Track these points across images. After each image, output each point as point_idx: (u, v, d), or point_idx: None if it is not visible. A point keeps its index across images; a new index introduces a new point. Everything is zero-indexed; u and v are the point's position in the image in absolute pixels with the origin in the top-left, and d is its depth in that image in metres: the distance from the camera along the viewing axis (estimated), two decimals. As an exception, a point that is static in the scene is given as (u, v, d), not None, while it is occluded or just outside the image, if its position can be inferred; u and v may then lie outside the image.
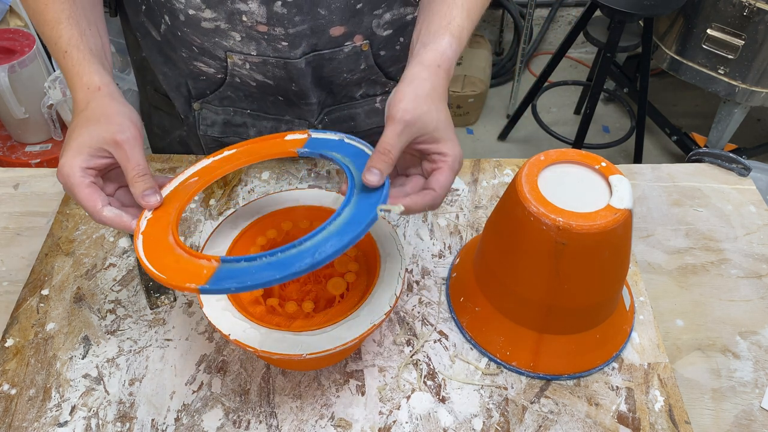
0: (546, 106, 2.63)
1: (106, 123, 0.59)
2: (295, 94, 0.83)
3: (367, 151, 0.63)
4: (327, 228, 0.54)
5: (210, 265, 0.53)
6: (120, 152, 0.59)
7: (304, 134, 0.67)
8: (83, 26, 0.64)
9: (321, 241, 0.53)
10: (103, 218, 0.58)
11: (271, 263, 0.52)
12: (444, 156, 0.59)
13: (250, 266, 0.52)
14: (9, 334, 0.71)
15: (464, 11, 0.64)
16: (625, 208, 0.61)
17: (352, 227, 0.53)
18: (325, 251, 0.51)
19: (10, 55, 1.76)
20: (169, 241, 0.57)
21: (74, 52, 0.63)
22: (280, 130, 0.88)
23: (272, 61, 0.77)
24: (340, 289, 0.67)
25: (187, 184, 0.64)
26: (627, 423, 0.65)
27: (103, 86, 0.62)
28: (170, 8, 0.74)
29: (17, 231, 0.85)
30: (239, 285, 0.50)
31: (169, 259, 0.55)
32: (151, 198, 0.60)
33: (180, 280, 0.52)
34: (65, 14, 0.64)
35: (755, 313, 0.77)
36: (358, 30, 0.77)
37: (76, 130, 0.60)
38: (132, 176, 0.59)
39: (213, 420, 0.65)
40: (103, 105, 0.61)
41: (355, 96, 0.86)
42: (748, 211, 0.89)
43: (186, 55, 0.80)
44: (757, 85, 1.96)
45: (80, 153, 0.58)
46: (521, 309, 0.68)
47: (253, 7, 0.72)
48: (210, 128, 0.88)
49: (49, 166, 1.90)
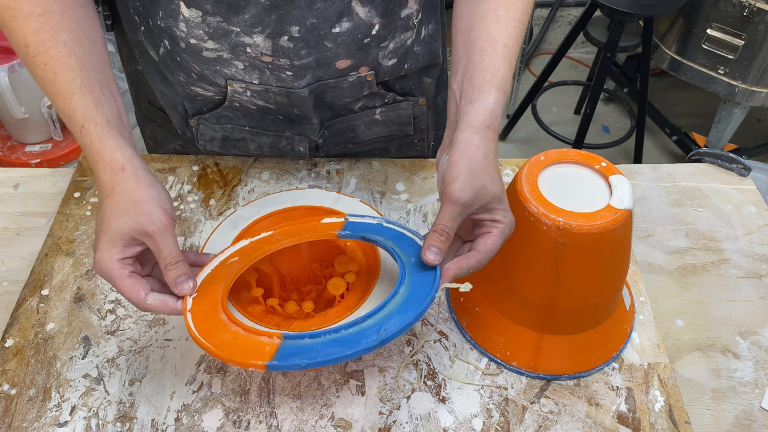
0: (546, 106, 2.63)
1: (135, 213, 0.57)
2: (296, 116, 0.82)
3: (406, 233, 0.64)
4: (387, 306, 0.56)
5: (272, 342, 0.54)
6: (152, 242, 0.57)
7: (341, 217, 0.67)
8: (96, 93, 0.61)
9: (383, 319, 0.55)
10: (147, 307, 0.58)
11: (336, 340, 0.54)
12: (496, 223, 0.59)
13: (314, 343, 0.54)
14: (9, 334, 0.71)
15: (506, 62, 0.62)
16: (625, 208, 0.61)
17: (413, 305, 0.56)
18: (390, 329, 0.53)
19: (10, 55, 1.76)
20: (221, 318, 0.57)
21: (91, 126, 0.59)
22: (280, 145, 0.87)
23: (274, 89, 0.76)
24: (340, 289, 0.67)
25: (228, 263, 0.64)
26: (627, 423, 0.65)
27: (127, 164, 0.59)
28: (171, 34, 0.72)
29: (17, 231, 0.85)
30: (309, 361, 0.52)
31: (226, 336, 0.55)
32: (184, 285, 0.58)
33: (243, 356, 0.53)
34: (77, 83, 0.60)
35: (755, 313, 0.77)
36: (365, 62, 0.76)
37: (105, 221, 0.58)
38: (165, 265, 0.58)
39: (213, 420, 0.65)
40: (130, 190, 0.58)
41: (354, 109, 0.85)
42: (748, 211, 0.89)
43: (184, 79, 0.78)
44: (757, 85, 1.96)
45: (114, 245, 0.57)
46: (521, 309, 0.68)
47: (258, 40, 0.70)
48: (209, 143, 0.87)
49: (48, 166, 1.90)
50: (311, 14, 0.68)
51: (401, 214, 0.85)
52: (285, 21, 0.68)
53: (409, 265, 0.60)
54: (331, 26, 0.70)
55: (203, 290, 0.60)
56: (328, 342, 0.53)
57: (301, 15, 0.68)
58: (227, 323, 0.57)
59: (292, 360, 0.52)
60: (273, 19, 0.68)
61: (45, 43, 0.60)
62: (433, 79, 0.87)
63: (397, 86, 0.84)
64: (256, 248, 0.65)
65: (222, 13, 0.68)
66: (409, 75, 0.83)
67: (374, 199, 0.87)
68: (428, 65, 0.83)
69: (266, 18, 0.68)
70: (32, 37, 0.61)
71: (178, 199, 0.86)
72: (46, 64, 0.60)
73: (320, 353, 0.52)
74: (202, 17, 0.69)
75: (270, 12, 0.68)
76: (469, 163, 0.57)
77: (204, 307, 0.58)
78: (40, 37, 0.61)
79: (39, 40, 0.61)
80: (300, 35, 0.69)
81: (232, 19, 0.68)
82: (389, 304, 0.56)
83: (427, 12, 0.78)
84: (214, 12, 0.68)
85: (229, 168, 0.90)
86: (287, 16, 0.68)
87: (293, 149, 0.87)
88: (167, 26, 0.71)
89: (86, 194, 0.87)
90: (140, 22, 0.75)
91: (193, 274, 0.60)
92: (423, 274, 0.58)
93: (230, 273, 0.62)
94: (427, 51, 0.81)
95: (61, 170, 0.93)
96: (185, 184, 0.88)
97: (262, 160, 0.91)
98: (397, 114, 0.86)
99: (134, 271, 0.58)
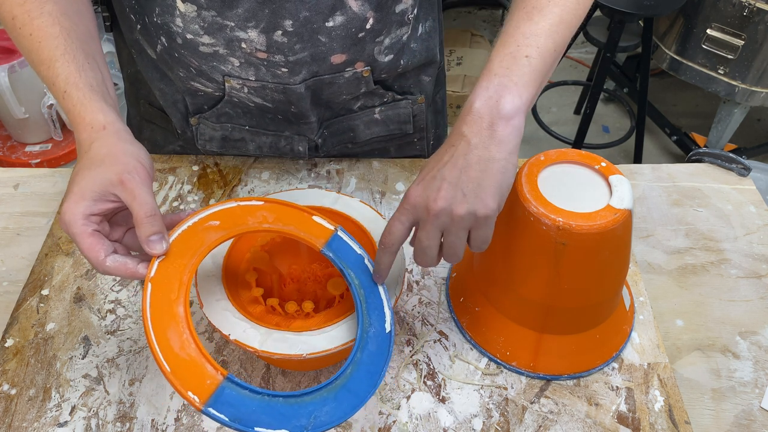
0: (546, 106, 2.63)
1: (111, 164, 0.55)
2: (294, 115, 0.82)
3: (380, 292, 0.62)
4: (327, 387, 0.54)
5: (215, 377, 0.51)
6: (126, 192, 0.54)
7: (332, 225, 0.64)
8: (80, 61, 0.60)
9: (318, 402, 0.53)
10: (106, 269, 0.55)
11: (271, 407, 0.51)
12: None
13: (252, 399, 0.51)
14: (9, 334, 0.71)
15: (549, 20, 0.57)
16: (625, 208, 0.61)
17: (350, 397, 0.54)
18: (320, 420, 0.52)
19: (10, 55, 1.77)
20: (178, 312, 0.54)
21: (73, 91, 0.59)
22: (280, 145, 0.87)
23: (271, 86, 0.76)
24: (340, 289, 0.67)
25: (206, 226, 0.60)
26: (627, 423, 0.65)
27: (108, 124, 0.58)
28: (167, 31, 0.72)
29: (17, 231, 0.85)
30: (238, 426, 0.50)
31: (176, 340, 0.52)
32: (156, 245, 0.55)
33: (183, 383, 0.50)
34: (59, 51, 0.60)
35: (755, 313, 0.77)
36: (360, 57, 0.76)
37: (79, 173, 0.56)
38: (139, 217, 0.54)
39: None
40: (109, 144, 0.57)
41: (353, 108, 0.85)
42: (748, 211, 0.89)
43: (183, 75, 0.78)
44: (757, 85, 1.96)
45: (83, 198, 0.54)
46: (521, 309, 0.68)
47: (252, 35, 0.70)
48: (208, 143, 0.87)
49: (48, 166, 1.90)
50: (304, 7, 0.68)
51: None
52: (278, 15, 0.69)
53: (365, 338, 0.58)
54: (324, 20, 0.70)
55: (171, 257, 0.56)
56: (263, 405, 0.51)
57: (293, 8, 0.68)
58: (181, 323, 0.53)
59: (225, 412, 0.50)
60: (266, 13, 0.69)
61: (30, 13, 0.61)
62: (431, 77, 0.87)
63: (396, 85, 0.84)
64: (240, 218, 0.62)
65: (216, 8, 0.69)
66: (408, 73, 0.83)
67: (374, 199, 0.87)
68: (426, 63, 0.84)
69: (259, 12, 0.68)
70: (18, 9, 0.62)
71: (178, 199, 0.86)
72: (31, 34, 0.61)
73: (251, 418, 0.50)
74: (197, 12, 0.69)
75: (263, 6, 0.68)
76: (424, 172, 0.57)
77: (168, 278, 0.55)
78: (26, 8, 0.61)
79: (24, 11, 0.61)
80: (294, 29, 0.70)
81: (226, 13, 0.69)
82: (331, 385, 0.54)
83: (424, 9, 0.79)
84: (208, 6, 0.68)
85: (229, 168, 0.91)
86: (280, 9, 0.68)
87: (293, 149, 0.87)
88: (164, 22, 0.71)
89: (86, 194, 0.87)
90: (136, 21, 0.75)
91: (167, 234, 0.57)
92: (373, 357, 0.57)
93: (206, 242, 0.58)
94: (424, 48, 0.81)
95: (61, 170, 0.93)
96: (185, 184, 0.88)
97: (262, 160, 0.92)
98: (396, 113, 0.86)
99: (98, 230, 0.55)
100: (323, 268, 0.72)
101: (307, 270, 0.72)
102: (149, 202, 0.55)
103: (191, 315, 0.55)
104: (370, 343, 0.58)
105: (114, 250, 0.56)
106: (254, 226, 0.62)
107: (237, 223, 0.61)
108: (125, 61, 0.89)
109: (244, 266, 0.68)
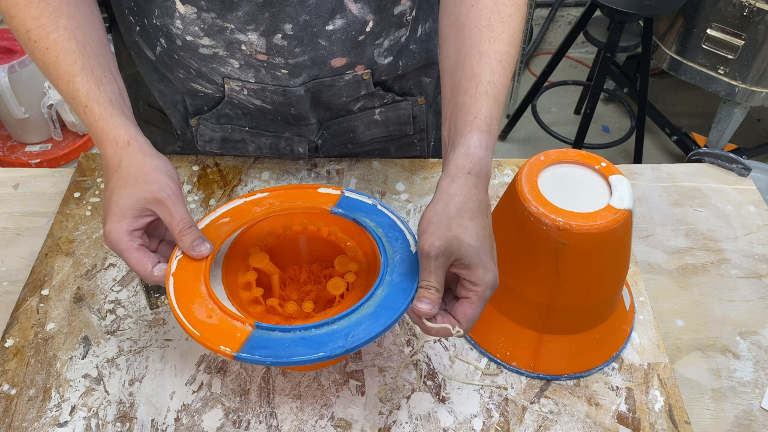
0: (546, 106, 2.63)
1: (144, 182, 0.58)
2: (294, 117, 0.82)
3: (398, 223, 0.64)
4: (361, 308, 0.56)
5: (244, 329, 0.55)
6: (163, 210, 0.58)
7: (337, 190, 0.68)
8: (98, 74, 0.62)
9: (354, 323, 0.55)
10: (155, 279, 0.59)
11: (305, 339, 0.54)
12: (474, 286, 0.55)
13: (284, 338, 0.54)
14: (9, 334, 0.71)
15: (490, 99, 0.59)
16: (625, 208, 0.61)
17: (386, 311, 0.55)
18: (358, 336, 0.53)
19: (10, 55, 1.77)
20: (201, 290, 0.58)
21: (95, 106, 0.61)
22: (280, 146, 0.87)
23: (270, 88, 0.76)
24: (340, 289, 0.67)
25: (218, 224, 0.65)
26: (627, 423, 0.65)
27: (132, 140, 0.61)
28: (167, 32, 0.72)
29: (17, 231, 0.85)
30: (274, 360, 0.52)
31: (202, 311, 0.56)
32: (201, 247, 0.60)
33: (214, 341, 0.54)
34: (78, 66, 0.61)
35: (755, 313, 0.77)
36: (360, 60, 0.76)
37: (115, 192, 0.59)
38: (179, 231, 0.59)
39: (213, 420, 0.65)
40: (137, 162, 0.60)
41: (353, 110, 0.85)
42: (748, 211, 0.89)
43: (183, 76, 0.78)
44: (757, 85, 1.96)
45: (124, 217, 0.58)
46: (521, 309, 0.68)
47: (252, 38, 0.70)
48: (208, 144, 0.87)
49: (48, 166, 1.90)
50: (304, 11, 0.68)
51: (401, 213, 0.85)
52: (278, 18, 0.69)
53: (392, 263, 0.60)
54: (324, 23, 0.70)
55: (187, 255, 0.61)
56: (297, 339, 0.54)
57: (293, 12, 0.68)
58: (205, 298, 0.57)
59: (259, 353, 0.52)
60: (266, 17, 0.68)
61: (45, 28, 0.62)
62: (432, 78, 0.87)
63: (396, 86, 0.84)
64: (248, 209, 0.66)
65: (216, 10, 0.68)
66: (408, 75, 0.83)
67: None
68: (426, 64, 0.83)
69: (259, 15, 0.68)
70: (33, 22, 0.62)
71: (178, 199, 0.86)
72: (48, 48, 0.62)
73: (286, 352, 0.52)
74: (197, 14, 0.69)
75: (263, 9, 0.68)
76: (440, 214, 0.55)
77: (188, 271, 0.59)
78: (41, 23, 0.62)
79: (40, 26, 0.62)
80: (293, 33, 0.70)
81: (226, 15, 0.69)
82: (363, 306, 0.56)
83: (423, 10, 0.78)
84: (208, 8, 0.68)
85: (229, 168, 0.91)
86: (280, 13, 0.68)
87: (293, 150, 0.87)
88: (163, 24, 0.71)
89: (86, 194, 0.87)
90: (135, 23, 0.75)
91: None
92: (403, 276, 0.58)
93: (219, 236, 0.62)
94: (424, 49, 0.81)
95: (61, 170, 0.93)
96: (185, 184, 0.88)
97: (262, 160, 0.92)
98: (397, 114, 0.86)
99: (143, 243, 0.60)
100: (323, 268, 0.72)
101: (307, 270, 0.72)
102: (185, 216, 0.59)
103: (216, 296, 0.58)
104: (399, 266, 0.60)
105: (159, 260, 0.60)
106: (263, 214, 0.66)
107: (246, 214, 0.65)
108: (124, 62, 0.89)
109: (244, 266, 0.68)
